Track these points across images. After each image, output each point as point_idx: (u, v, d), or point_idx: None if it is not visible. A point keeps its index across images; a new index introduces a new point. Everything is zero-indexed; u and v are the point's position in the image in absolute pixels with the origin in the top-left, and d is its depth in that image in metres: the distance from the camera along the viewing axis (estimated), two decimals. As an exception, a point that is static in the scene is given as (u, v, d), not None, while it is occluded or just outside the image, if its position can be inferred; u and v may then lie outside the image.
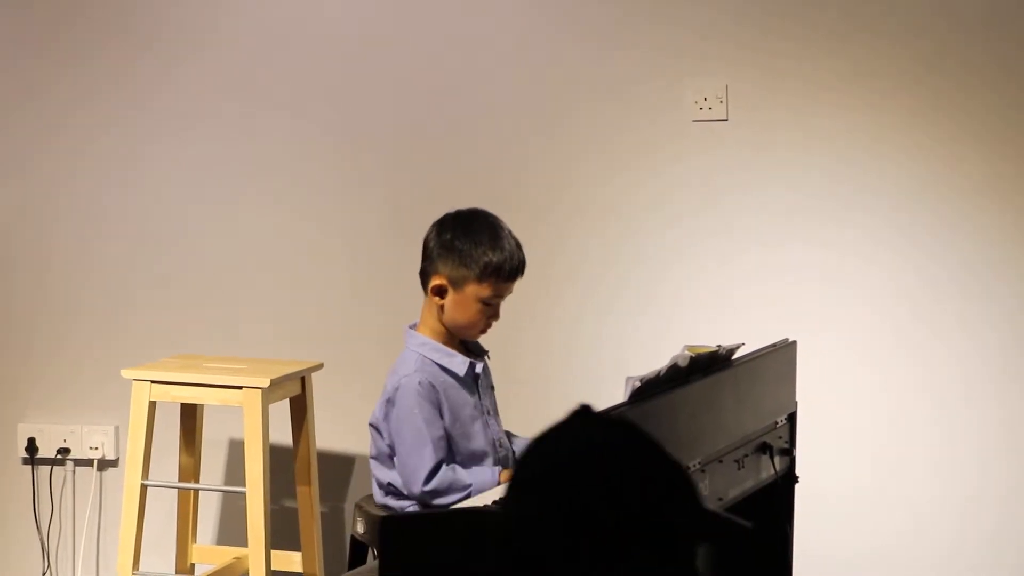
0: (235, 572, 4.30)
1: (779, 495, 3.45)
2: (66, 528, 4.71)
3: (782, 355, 3.51)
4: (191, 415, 4.29)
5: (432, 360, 3.45)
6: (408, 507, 3.42)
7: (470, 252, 3.42)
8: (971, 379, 4.22)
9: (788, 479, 3.51)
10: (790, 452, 3.52)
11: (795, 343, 3.57)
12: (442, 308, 3.46)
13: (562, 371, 4.40)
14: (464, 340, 3.54)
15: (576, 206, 4.38)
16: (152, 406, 4.06)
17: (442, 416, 3.43)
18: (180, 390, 4.08)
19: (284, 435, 4.30)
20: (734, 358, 3.28)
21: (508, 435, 3.63)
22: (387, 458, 3.47)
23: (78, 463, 4.69)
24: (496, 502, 3.02)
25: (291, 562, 4.29)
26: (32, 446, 4.68)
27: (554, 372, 4.41)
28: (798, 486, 3.57)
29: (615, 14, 4.32)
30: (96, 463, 4.66)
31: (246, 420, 3.99)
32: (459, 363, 3.47)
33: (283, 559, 4.25)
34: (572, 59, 4.35)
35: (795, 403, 3.57)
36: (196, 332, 4.57)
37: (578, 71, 4.35)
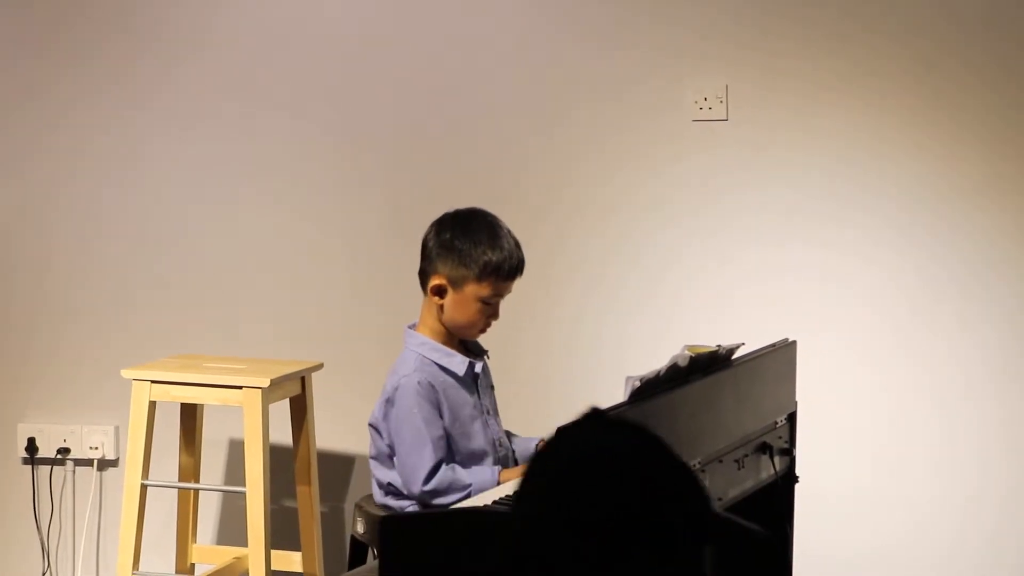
0: (235, 572, 4.30)
1: (779, 495, 3.44)
2: (66, 528, 4.71)
3: (782, 355, 3.51)
4: (191, 415, 4.29)
5: (431, 360, 3.45)
6: (408, 507, 3.42)
7: (469, 252, 3.42)
8: (971, 379, 4.22)
9: (788, 479, 3.51)
10: (790, 452, 3.52)
11: (795, 343, 3.57)
12: (441, 308, 3.46)
13: (562, 371, 4.40)
14: (464, 340, 3.54)
15: (576, 206, 4.38)
16: (152, 406, 4.06)
17: (441, 416, 3.43)
18: (180, 390, 4.08)
19: (284, 435, 4.30)
20: (734, 358, 3.28)
21: (508, 434, 3.63)
22: (387, 458, 3.47)
23: (78, 463, 4.69)
24: (503, 502, 3.02)
25: (291, 562, 4.29)
26: (32, 446, 4.68)
27: (554, 372, 4.41)
28: (798, 486, 3.57)
29: (615, 14, 4.32)
30: (96, 463, 4.66)
31: (246, 420, 3.99)
32: (458, 363, 3.47)
33: (283, 559, 4.26)
34: (572, 59, 4.35)
35: (795, 403, 3.57)
36: (196, 332, 4.57)
37: (578, 71, 4.35)
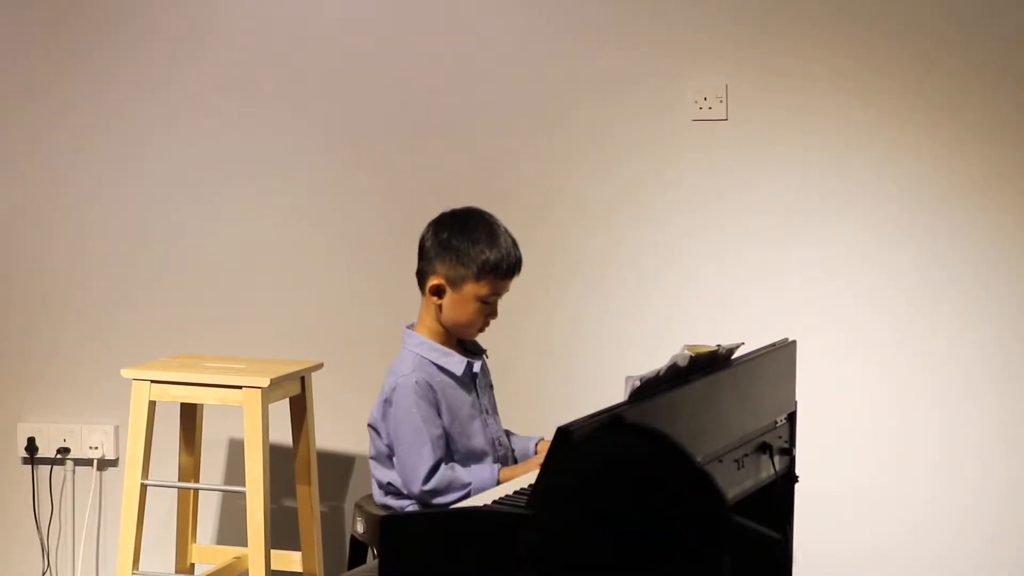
0: (235, 572, 4.31)
1: (779, 495, 3.44)
2: (66, 528, 4.71)
3: (782, 354, 3.50)
4: (191, 415, 4.29)
5: (429, 360, 3.45)
6: (408, 506, 3.42)
7: (467, 251, 3.41)
8: (971, 379, 4.22)
9: (788, 479, 3.50)
10: (790, 452, 3.51)
11: (795, 342, 3.56)
12: (440, 308, 3.45)
13: (562, 371, 4.40)
14: (462, 339, 3.54)
15: (576, 205, 4.38)
16: (152, 406, 4.06)
17: (440, 416, 3.42)
18: (180, 390, 4.08)
19: (284, 435, 4.30)
20: (734, 358, 3.28)
21: (507, 433, 3.63)
22: (386, 458, 3.47)
23: (78, 463, 4.69)
24: (503, 501, 3.02)
25: (291, 562, 4.29)
26: (32, 446, 4.68)
27: (554, 372, 4.41)
28: (798, 486, 3.56)
29: (615, 13, 4.32)
30: (96, 463, 4.66)
31: (246, 420, 3.99)
32: (456, 362, 3.47)
33: (283, 559, 4.26)
34: (572, 58, 4.35)
35: (795, 402, 3.57)
36: (196, 332, 4.57)
37: (578, 70, 4.35)
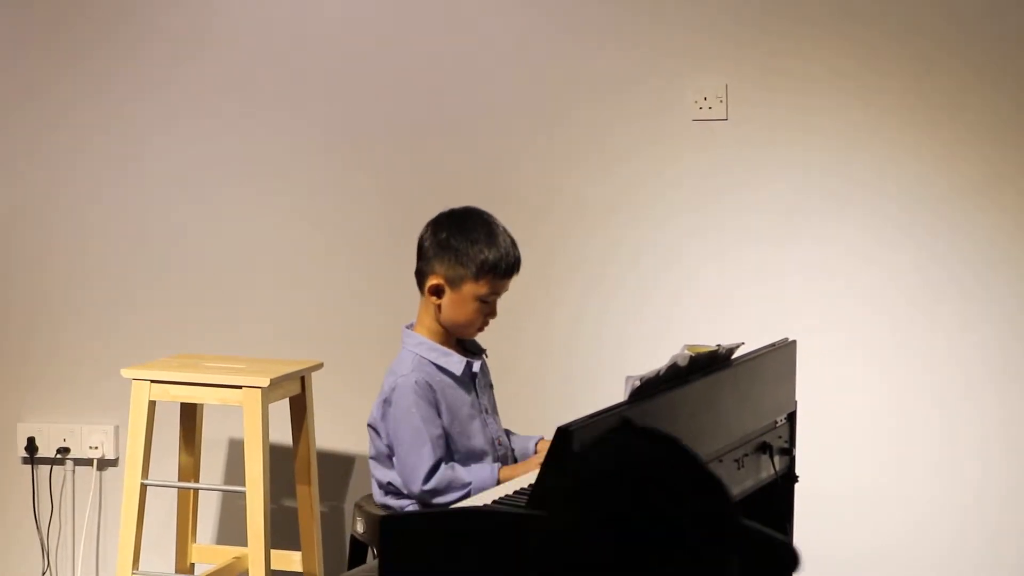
0: (235, 571, 4.30)
1: (779, 495, 3.44)
2: (66, 528, 4.71)
3: (782, 354, 3.51)
4: (191, 414, 4.29)
5: (429, 360, 3.45)
6: (408, 506, 3.42)
7: (466, 251, 3.41)
8: (971, 379, 4.22)
9: (788, 479, 3.50)
10: (790, 451, 3.51)
11: (795, 342, 3.56)
12: (439, 307, 3.45)
13: (562, 371, 4.40)
14: (461, 339, 3.54)
15: (576, 205, 4.38)
16: (152, 405, 4.06)
17: (440, 415, 3.42)
18: (180, 389, 4.07)
19: (284, 435, 4.30)
20: (734, 357, 3.28)
21: (507, 433, 3.63)
22: (386, 458, 3.47)
23: (78, 463, 4.69)
24: (503, 501, 3.02)
25: (291, 562, 4.29)
26: (32, 446, 4.68)
27: (554, 372, 4.41)
28: (798, 486, 3.57)
29: (615, 13, 4.32)
30: (96, 463, 4.66)
31: (246, 420, 3.98)
32: (456, 362, 3.47)
33: (283, 559, 4.25)
34: (572, 58, 4.35)
35: (795, 402, 3.57)
36: (196, 332, 4.57)
37: (578, 70, 4.35)
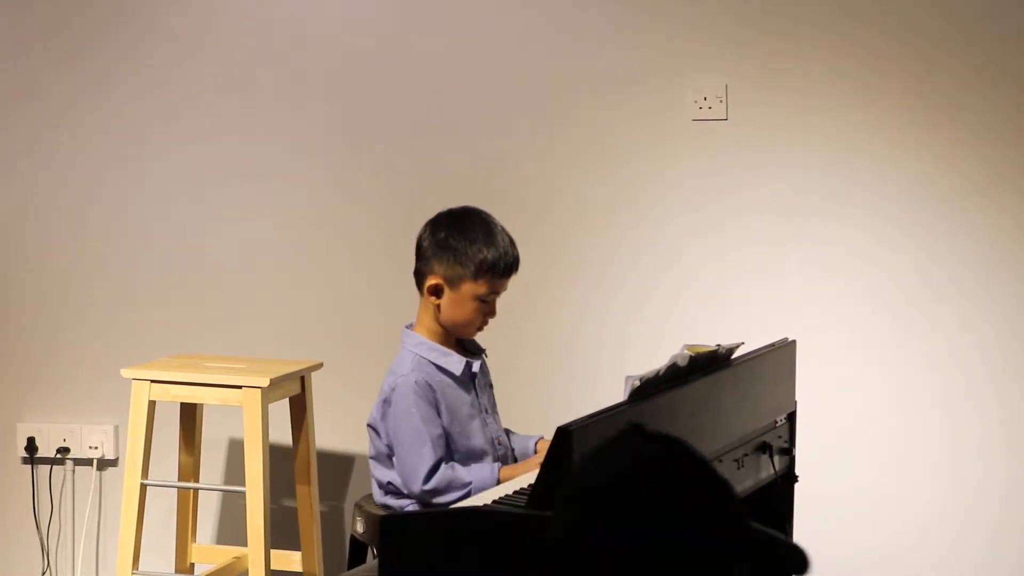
0: (235, 571, 4.30)
1: (778, 494, 3.44)
2: (66, 527, 4.71)
3: (781, 354, 3.51)
4: (191, 414, 4.29)
5: (428, 360, 3.45)
6: (408, 506, 3.42)
7: (465, 250, 3.41)
8: (971, 379, 4.22)
9: (787, 478, 3.50)
10: (789, 451, 3.51)
11: (794, 342, 3.56)
12: (438, 307, 3.45)
13: (562, 371, 4.40)
14: (461, 339, 3.54)
15: (576, 205, 4.38)
16: (152, 405, 4.06)
17: (439, 415, 3.42)
18: (180, 389, 4.07)
19: (284, 434, 4.30)
20: (733, 357, 3.28)
21: (507, 432, 3.63)
22: (386, 458, 3.47)
23: (78, 462, 4.69)
24: (504, 501, 3.01)
25: (291, 561, 4.29)
26: (32, 445, 4.68)
27: (554, 372, 4.41)
28: (797, 485, 3.57)
29: (615, 14, 4.32)
30: (96, 462, 4.66)
31: (246, 419, 3.98)
32: (455, 362, 3.47)
33: (283, 558, 4.25)
34: (572, 58, 4.35)
35: (794, 402, 3.57)
36: (196, 331, 4.57)
37: (578, 70, 4.35)
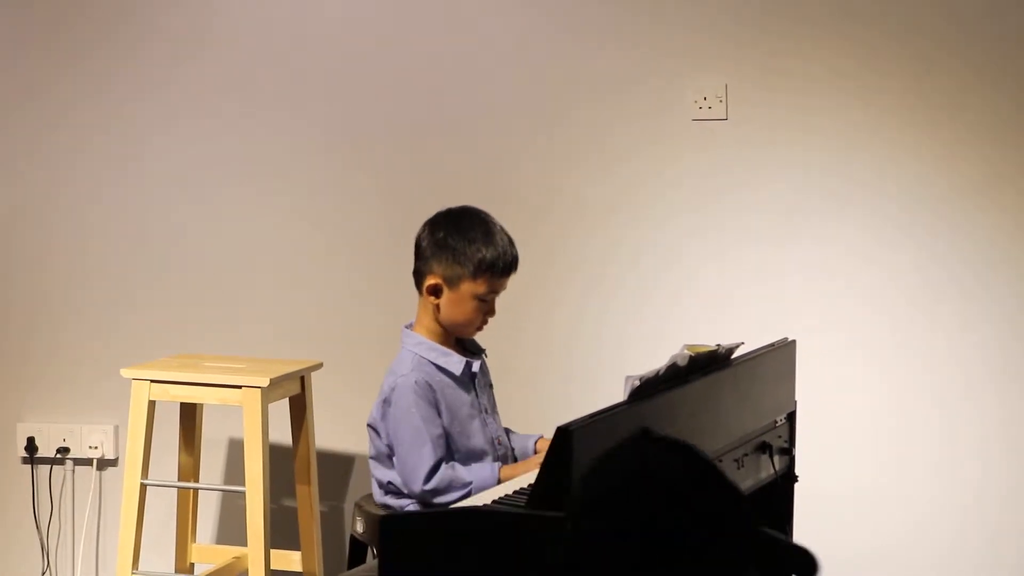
0: (234, 571, 4.30)
1: (778, 494, 3.44)
2: (66, 527, 4.71)
3: (781, 354, 3.51)
4: (190, 414, 4.29)
5: (428, 360, 3.45)
6: (408, 505, 3.42)
7: (464, 250, 3.41)
8: (971, 379, 4.22)
9: (787, 478, 3.50)
10: (789, 451, 3.51)
11: (794, 342, 3.56)
12: (438, 307, 3.46)
13: (562, 371, 4.40)
14: (461, 339, 3.54)
15: (576, 205, 4.38)
16: (151, 405, 4.06)
17: (439, 415, 3.42)
18: (179, 389, 4.07)
19: (284, 434, 4.30)
20: (733, 357, 3.28)
21: (506, 431, 3.63)
22: (386, 458, 3.47)
23: (77, 462, 4.69)
24: (504, 501, 3.01)
25: (290, 561, 4.29)
26: (31, 445, 4.68)
27: (554, 372, 4.41)
28: (797, 485, 3.57)
29: (615, 14, 4.32)
30: (95, 462, 4.66)
31: (245, 419, 3.98)
32: (455, 362, 3.47)
33: (282, 558, 4.25)
34: (572, 58, 4.35)
35: (794, 402, 3.57)
36: (196, 331, 4.57)
37: (578, 70, 4.35)
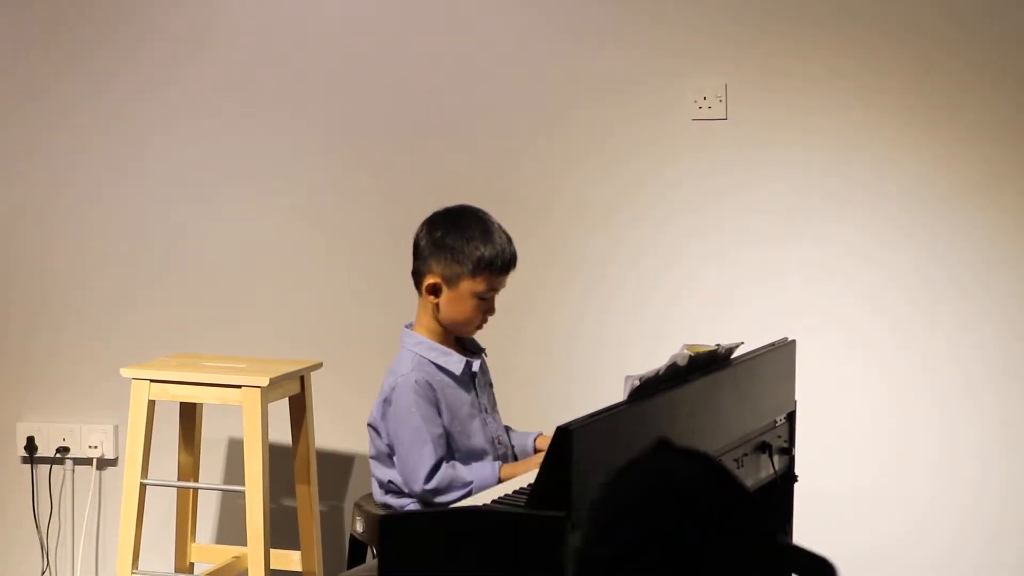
0: (234, 571, 4.30)
1: (778, 494, 3.44)
2: (65, 527, 4.71)
3: (781, 354, 3.51)
4: (190, 414, 4.29)
5: (428, 359, 3.45)
6: (408, 505, 3.42)
7: (462, 248, 3.42)
8: (971, 379, 4.22)
9: (787, 478, 3.51)
10: (789, 451, 3.52)
11: (794, 342, 3.57)
12: (437, 306, 3.46)
13: (562, 370, 4.40)
14: (461, 338, 3.54)
15: (576, 205, 4.38)
16: (151, 405, 4.06)
17: (440, 415, 3.42)
18: (179, 389, 4.07)
19: (283, 434, 4.30)
20: (733, 357, 3.28)
21: (507, 430, 3.63)
22: (386, 457, 3.47)
23: (77, 462, 4.69)
24: (504, 501, 3.01)
25: (290, 561, 4.29)
26: (31, 445, 4.68)
27: (554, 372, 4.41)
28: (797, 485, 3.57)
29: (615, 13, 4.32)
30: (95, 462, 4.66)
31: (245, 419, 3.98)
32: (455, 362, 3.47)
33: (282, 558, 4.25)
34: (572, 58, 4.35)
35: (794, 402, 3.57)
36: (195, 331, 4.57)
37: (578, 70, 4.35)
